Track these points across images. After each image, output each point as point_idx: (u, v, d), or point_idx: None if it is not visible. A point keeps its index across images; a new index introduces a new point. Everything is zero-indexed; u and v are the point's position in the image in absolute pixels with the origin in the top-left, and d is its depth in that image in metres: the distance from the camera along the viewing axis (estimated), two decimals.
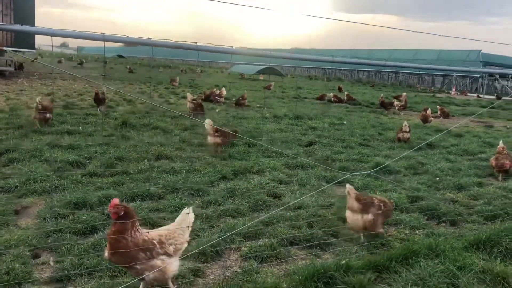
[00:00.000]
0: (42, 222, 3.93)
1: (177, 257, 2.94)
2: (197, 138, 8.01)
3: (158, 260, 2.81)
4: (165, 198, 4.78)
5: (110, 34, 2.46)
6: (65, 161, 5.82)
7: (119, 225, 2.77)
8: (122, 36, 2.77)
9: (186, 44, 3.07)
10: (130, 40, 2.94)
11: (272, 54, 3.73)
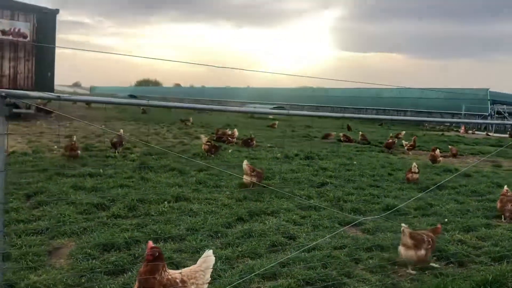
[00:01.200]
0: (75, 262, 4.22)
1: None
2: (211, 180, 8.33)
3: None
4: (186, 239, 5.06)
5: (153, 102, 2.83)
6: (90, 203, 6.15)
7: (151, 266, 3.06)
8: (161, 103, 3.15)
9: (186, 105, 3.44)
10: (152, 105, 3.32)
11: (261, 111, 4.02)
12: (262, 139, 16.90)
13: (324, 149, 14.75)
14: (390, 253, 4.97)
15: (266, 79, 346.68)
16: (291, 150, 13.69)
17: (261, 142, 15.40)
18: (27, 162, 8.98)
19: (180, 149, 12.97)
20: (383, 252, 4.99)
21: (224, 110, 4.16)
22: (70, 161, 9.30)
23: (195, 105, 3.44)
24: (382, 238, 5.48)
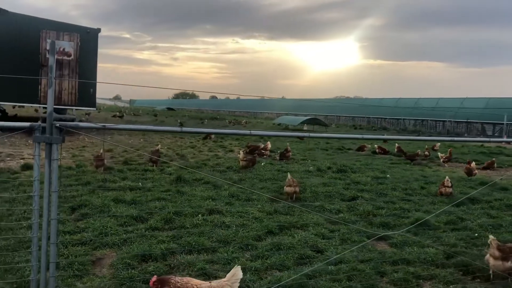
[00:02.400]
0: (116, 271, 4.58)
1: None
2: (243, 193, 8.60)
3: None
4: (218, 251, 5.34)
5: (186, 128, 3.14)
6: (130, 216, 6.55)
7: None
8: (196, 129, 3.46)
9: (207, 130, 3.71)
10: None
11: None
12: (295, 151, 17.10)
13: (358, 162, 14.79)
14: (416, 267, 5.07)
15: (302, 89, 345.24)
16: (324, 163, 13.82)
17: (294, 155, 15.59)
18: (71, 176, 9.55)
19: (215, 162, 13.35)
20: (409, 266, 5.09)
21: (261, 134, 4.44)
22: (97, 172, 10.02)
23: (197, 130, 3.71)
24: (409, 252, 5.58)
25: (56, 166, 2.76)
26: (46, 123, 2.65)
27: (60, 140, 2.73)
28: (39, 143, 2.75)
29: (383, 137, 6.03)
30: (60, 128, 2.70)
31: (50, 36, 18.73)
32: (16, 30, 18.08)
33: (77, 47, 19.18)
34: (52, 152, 2.73)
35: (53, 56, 2.62)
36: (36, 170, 2.84)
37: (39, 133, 2.70)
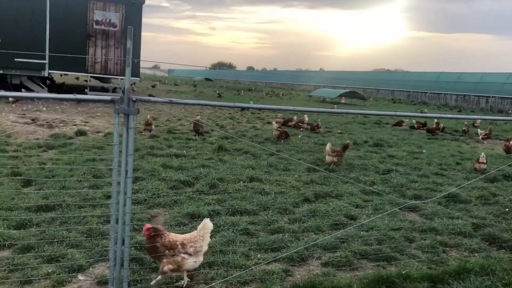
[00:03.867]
0: (169, 227, 5.17)
1: (197, 257, 3.90)
2: (281, 163, 9.05)
3: (179, 257, 3.83)
4: (259, 214, 5.85)
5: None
6: (178, 180, 7.14)
7: (151, 241, 3.84)
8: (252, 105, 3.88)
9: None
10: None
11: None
12: (332, 124, 17.35)
13: (395, 136, 14.94)
14: (443, 236, 5.42)
15: (340, 61, 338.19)
16: (360, 136, 14.05)
17: (331, 128, 15.86)
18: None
19: (253, 133, 13.83)
20: (437, 235, 5.44)
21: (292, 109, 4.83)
22: (147, 136, 11.02)
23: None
24: (438, 222, 5.92)
25: (132, 133, 3.26)
26: (124, 97, 3.13)
27: (136, 112, 3.22)
28: (118, 114, 3.25)
29: (401, 114, 6.28)
30: (135, 100, 3.19)
31: (97, 7, 19.42)
32: (66, 1, 18.84)
33: (122, 18, 19.82)
34: (129, 121, 3.23)
35: (130, 40, 3.07)
36: (116, 136, 3.35)
37: (118, 105, 3.19)
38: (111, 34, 19.84)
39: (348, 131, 15.82)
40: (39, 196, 5.84)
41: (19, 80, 18.74)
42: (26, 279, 3.76)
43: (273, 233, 5.23)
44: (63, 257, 4.18)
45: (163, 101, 3.57)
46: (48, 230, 4.75)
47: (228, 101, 26.54)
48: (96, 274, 3.99)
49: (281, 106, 4.54)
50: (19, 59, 18.18)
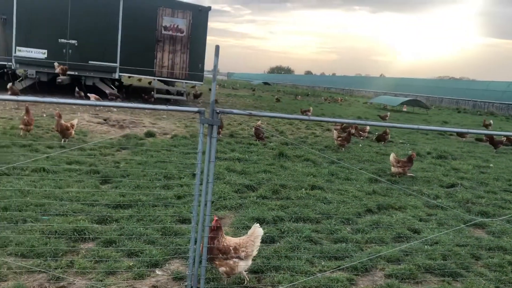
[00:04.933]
0: (236, 230, 5.42)
1: (247, 261, 4.06)
2: (342, 172, 9.11)
3: (231, 261, 4.00)
4: (322, 223, 5.98)
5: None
6: (242, 184, 7.41)
7: (213, 233, 4.01)
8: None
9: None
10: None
11: None
12: (394, 134, 17.05)
13: (459, 149, 14.47)
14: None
15: (402, 67, 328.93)
16: (423, 147, 13.75)
17: (392, 137, 15.61)
18: (188, 145, 10.74)
19: (313, 140, 13.93)
20: (506, 255, 5.32)
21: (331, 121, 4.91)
22: None
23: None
24: (506, 241, 5.76)
25: (214, 142, 3.52)
26: (209, 109, 3.40)
27: (218, 122, 3.48)
28: (203, 124, 3.52)
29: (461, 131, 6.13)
30: (218, 112, 3.45)
31: (166, 13, 20.29)
32: (137, 7, 19.86)
33: (189, 24, 20.58)
34: (212, 131, 3.49)
35: (217, 57, 3.33)
36: (200, 144, 3.63)
37: (203, 116, 3.47)
38: (178, 40, 20.64)
39: (411, 141, 15.51)
40: (117, 194, 6.30)
41: (92, 81, 19.95)
42: (110, 271, 4.13)
43: (336, 242, 5.35)
44: (141, 252, 4.54)
45: (244, 114, 3.81)
46: (126, 226, 5.14)
47: (286, 106, 26.79)
48: (172, 270, 4.30)
49: (357, 121, 4.65)
50: (93, 62, 19.39)
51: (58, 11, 18.83)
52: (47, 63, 18.72)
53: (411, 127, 4.43)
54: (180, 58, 20.85)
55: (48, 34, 18.89)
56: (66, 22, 18.94)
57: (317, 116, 21.68)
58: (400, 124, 6.10)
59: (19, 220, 5.07)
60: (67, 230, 4.86)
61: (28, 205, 5.53)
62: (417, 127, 4.52)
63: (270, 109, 24.26)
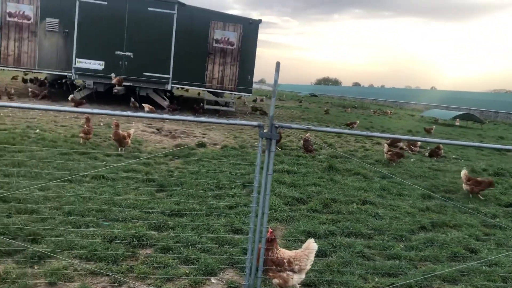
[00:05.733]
0: (287, 243, 5.46)
1: (300, 274, 4.05)
2: (394, 187, 8.94)
3: (284, 273, 4.00)
4: (374, 238, 5.91)
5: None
6: (292, 196, 7.45)
7: (268, 245, 4.03)
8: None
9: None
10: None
11: None
12: (447, 149, 16.52)
13: None
14: None
15: (454, 80, 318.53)
16: (478, 164, 13.26)
17: (445, 152, 15.14)
18: (237, 156, 10.91)
19: (362, 153, 13.75)
20: None
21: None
22: None
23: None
24: None
25: (273, 156, 3.61)
26: (268, 124, 3.50)
27: (277, 137, 3.57)
28: (262, 138, 3.62)
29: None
30: (277, 126, 3.54)
31: (217, 26, 20.79)
32: (190, 21, 20.49)
33: (240, 37, 20.96)
34: (271, 145, 3.59)
35: (277, 73, 3.43)
36: (259, 157, 3.73)
37: (262, 130, 3.57)
38: (229, 52, 21.06)
39: (465, 156, 14.98)
40: (171, 202, 6.51)
41: (146, 92, 20.68)
42: (168, 277, 4.29)
43: (389, 258, 5.27)
44: (197, 260, 4.67)
45: (302, 128, 3.88)
46: (182, 234, 5.31)
47: (335, 118, 26.59)
48: (227, 279, 4.40)
49: (419, 138, 4.60)
50: (147, 74, 20.14)
51: (115, 25, 19.74)
52: (104, 74, 19.64)
53: (468, 144, 4.33)
54: (230, 70, 21.23)
55: (105, 47, 19.83)
56: (122, 35, 19.82)
57: (367, 129, 21.42)
58: (456, 141, 5.91)
59: (82, 225, 5.36)
60: (126, 236, 5.08)
61: (89, 210, 5.83)
62: (473, 144, 4.43)
63: (318, 121, 24.17)
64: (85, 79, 20.11)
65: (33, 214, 5.46)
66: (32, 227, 5.03)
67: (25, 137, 10.25)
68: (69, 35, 19.59)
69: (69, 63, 19.74)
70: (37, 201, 5.92)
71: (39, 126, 12.24)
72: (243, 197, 7.26)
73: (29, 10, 19.42)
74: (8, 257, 4.37)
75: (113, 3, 19.63)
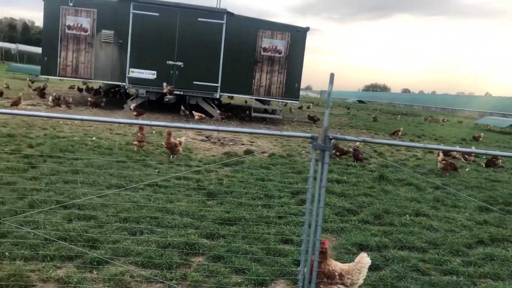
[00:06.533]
0: (338, 254, 5.39)
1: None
2: (449, 199, 8.62)
3: (336, 286, 3.89)
4: (429, 252, 5.72)
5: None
6: (342, 207, 7.35)
7: (321, 257, 3.94)
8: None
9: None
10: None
11: None
12: (505, 158, 15.74)
13: None
14: None
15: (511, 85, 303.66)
16: None
17: (503, 162, 14.44)
18: (285, 164, 10.91)
19: (414, 163, 13.36)
20: None
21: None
22: None
23: None
24: None
25: (326, 168, 3.60)
26: (321, 135, 3.49)
27: (331, 149, 3.55)
28: (315, 150, 3.62)
29: None
30: (331, 138, 3.52)
31: (265, 35, 20.96)
32: (239, 30, 20.79)
33: (288, 45, 21.03)
34: (324, 157, 3.57)
35: (331, 84, 3.41)
36: (312, 169, 3.74)
37: (316, 142, 3.56)
38: (276, 60, 21.16)
39: None
40: (222, 210, 6.60)
41: (195, 100, 21.13)
42: (220, 286, 4.34)
43: (446, 273, 5.09)
44: (248, 270, 4.70)
45: (357, 140, 3.84)
46: (233, 243, 5.36)
47: (384, 126, 26.01)
48: None
49: (480, 151, 4.43)
50: (196, 82, 20.59)
51: (167, 36, 20.36)
52: (156, 83, 20.26)
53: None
54: (278, 78, 21.32)
55: (157, 57, 20.47)
56: (173, 45, 20.40)
57: (418, 137, 20.82)
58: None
59: (137, 231, 5.53)
60: (179, 243, 5.20)
61: (144, 217, 6.00)
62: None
63: (367, 128, 23.77)
64: (138, 88, 20.84)
65: (91, 221, 5.70)
66: (91, 233, 5.24)
67: (82, 145, 10.73)
68: (123, 46, 20.38)
69: (123, 73, 20.53)
70: (95, 208, 6.18)
71: (95, 134, 12.79)
72: (292, 207, 7.24)
73: (86, 22, 20.39)
74: (69, 262, 4.58)
75: (165, 15, 20.27)
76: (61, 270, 4.39)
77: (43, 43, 21.35)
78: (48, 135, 11.61)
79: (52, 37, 20.33)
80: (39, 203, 6.09)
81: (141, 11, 20.20)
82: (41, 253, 4.62)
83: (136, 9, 20.16)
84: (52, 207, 5.92)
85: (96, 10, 20.27)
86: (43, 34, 22.09)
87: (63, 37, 20.36)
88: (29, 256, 4.55)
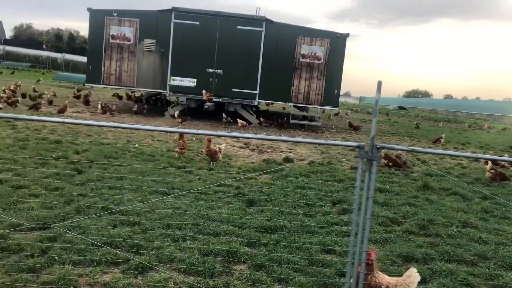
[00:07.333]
0: (383, 265, 5.25)
1: None
2: (498, 210, 8.26)
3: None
4: (478, 265, 5.48)
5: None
6: (386, 216, 7.17)
7: (367, 270, 3.79)
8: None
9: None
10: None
11: None
12: None
13: None
14: None
15: None
16: None
17: None
18: (325, 172, 10.77)
19: (459, 171, 12.90)
20: None
21: None
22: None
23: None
24: None
25: (374, 178, 3.51)
26: (369, 144, 3.41)
27: (378, 158, 3.46)
28: (362, 159, 3.54)
29: None
30: (379, 147, 3.44)
31: (304, 42, 20.90)
32: (278, 37, 20.83)
33: (327, 51, 20.87)
34: (372, 166, 3.49)
35: (379, 92, 3.34)
36: (359, 179, 3.65)
37: (363, 151, 3.48)
38: (315, 67, 21.04)
39: None
40: (262, 218, 6.57)
41: (234, 107, 21.29)
42: None
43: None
44: (290, 280, 4.65)
45: (405, 149, 3.73)
46: (274, 252, 5.32)
47: (426, 133, 25.32)
48: None
49: None
50: (235, 90, 20.76)
51: (206, 44, 20.67)
52: (196, 91, 20.57)
53: None
54: (316, 85, 21.19)
55: (197, 65, 20.80)
56: (213, 53, 20.68)
57: (462, 145, 20.13)
58: None
59: (180, 238, 5.59)
60: (221, 250, 5.21)
61: (186, 224, 6.06)
62: None
63: (409, 136, 23.20)
64: (178, 96, 21.22)
65: (135, 226, 5.81)
66: (135, 239, 5.34)
67: (126, 151, 11.00)
68: (165, 55, 20.83)
69: (164, 81, 20.97)
70: (139, 214, 6.30)
71: (138, 140, 13.09)
72: (334, 216, 7.13)
73: (129, 32, 20.99)
74: (115, 267, 4.67)
75: (205, 23, 20.59)
76: (107, 275, 4.49)
77: (88, 52, 22.14)
78: (93, 142, 11.98)
79: (96, 47, 21.05)
80: (85, 208, 6.28)
81: (182, 20, 20.60)
82: (88, 258, 4.74)
83: (177, 19, 20.59)
84: (98, 213, 6.08)
85: (138, 20, 20.84)
86: (88, 43, 22.92)
87: (107, 47, 21.03)
88: (77, 261, 4.68)
